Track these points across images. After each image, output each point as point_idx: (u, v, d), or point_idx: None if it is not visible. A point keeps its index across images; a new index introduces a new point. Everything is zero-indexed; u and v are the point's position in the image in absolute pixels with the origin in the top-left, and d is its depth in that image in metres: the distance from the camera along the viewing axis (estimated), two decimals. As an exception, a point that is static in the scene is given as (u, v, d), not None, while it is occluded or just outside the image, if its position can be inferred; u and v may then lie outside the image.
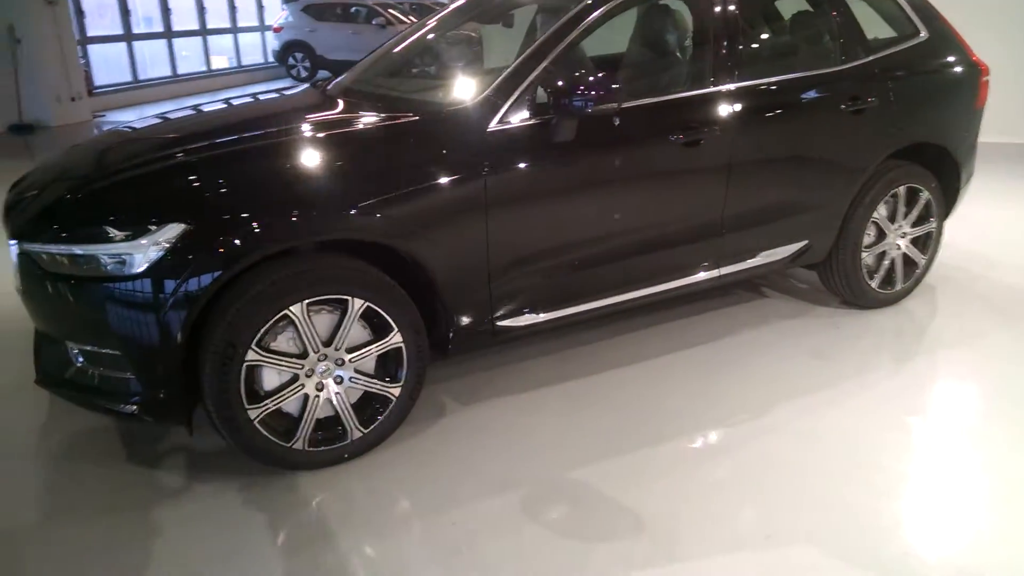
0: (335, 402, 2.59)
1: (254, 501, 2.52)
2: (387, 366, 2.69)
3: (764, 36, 3.75)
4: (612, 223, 3.00)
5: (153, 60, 13.01)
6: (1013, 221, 5.44)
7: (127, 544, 2.33)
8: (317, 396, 2.56)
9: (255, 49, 15.68)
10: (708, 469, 2.66)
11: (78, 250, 2.35)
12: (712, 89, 3.15)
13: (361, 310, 2.54)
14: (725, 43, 3.19)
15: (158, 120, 3.37)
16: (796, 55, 3.61)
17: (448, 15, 3.67)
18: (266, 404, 2.47)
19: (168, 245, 2.28)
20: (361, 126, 2.90)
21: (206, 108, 3.71)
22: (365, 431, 2.68)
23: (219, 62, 14.69)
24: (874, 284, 3.79)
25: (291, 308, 2.42)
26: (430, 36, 3.66)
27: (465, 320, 2.82)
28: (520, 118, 2.75)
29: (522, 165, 2.78)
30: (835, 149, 3.51)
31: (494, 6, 3.62)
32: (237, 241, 2.32)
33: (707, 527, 2.36)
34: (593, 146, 2.89)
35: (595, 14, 2.93)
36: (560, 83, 2.72)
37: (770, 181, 3.38)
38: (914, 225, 3.84)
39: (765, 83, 3.29)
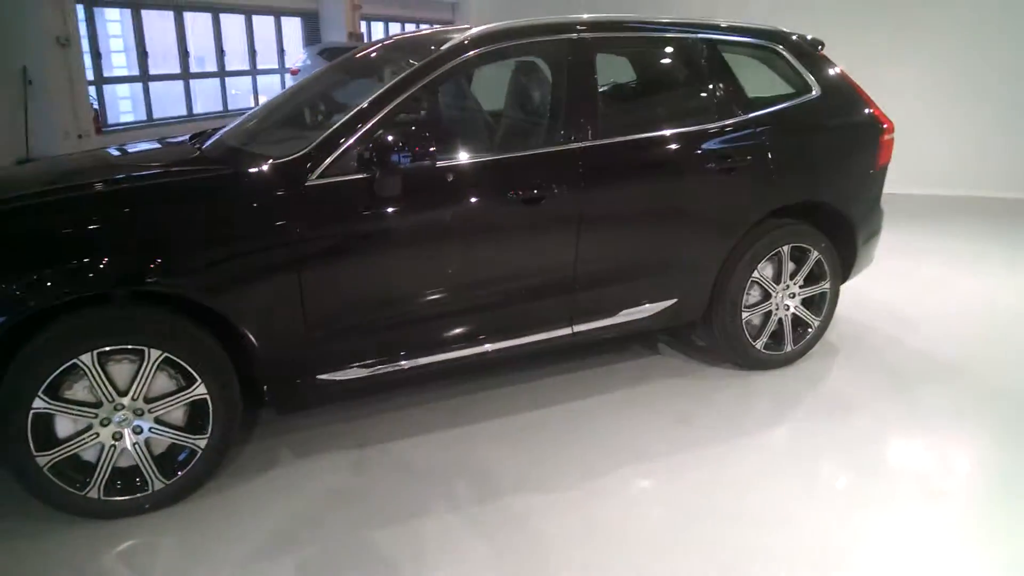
0: (133, 452, 2.60)
1: (49, 550, 2.52)
2: (198, 417, 2.69)
3: (621, 95, 3.74)
4: (443, 278, 2.98)
5: (172, 99, 13.50)
6: (962, 285, 5.25)
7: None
8: (114, 445, 2.57)
9: (275, 90, 16.17)
10: (520, 531, 2.58)
11: None
12: (555, 148, 3.14)
13: (158, 361, 2.55)
14: (576, 102, 3.18)
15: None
16: (658, 114, 3.57)
17: (327, 71, 3.74)
18: (55, 452, 2.49)
19: (-50, 292, 2.34)
20: (171, 179, 2.93)
21: (98, 153, 3.83)
22: (168, 482, 2.67)
23: (239, 102, 15.18)
24: (759, 345, 3.68)
25: (81, 357, 2.44)
26: (312, 91, 3.72)
27: (281, 373, 2.81)
28: (343, 173, 2.77)
29: (343, 219, 2.79)
30: (702, 208, 3.44)
31: (364, 65, 3.65)
32: (15, 289, 2.36)
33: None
34: (420, 202, 2.88)
35: (419, 84, 2.95)
36: (380, 140, 2.74)
37: (627, 239, 3.33)
38: (805, 286, 3.74)
39: (617, 141, 3.24)
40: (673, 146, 3.37)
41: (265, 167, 2.77)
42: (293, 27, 16.61)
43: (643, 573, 2.40)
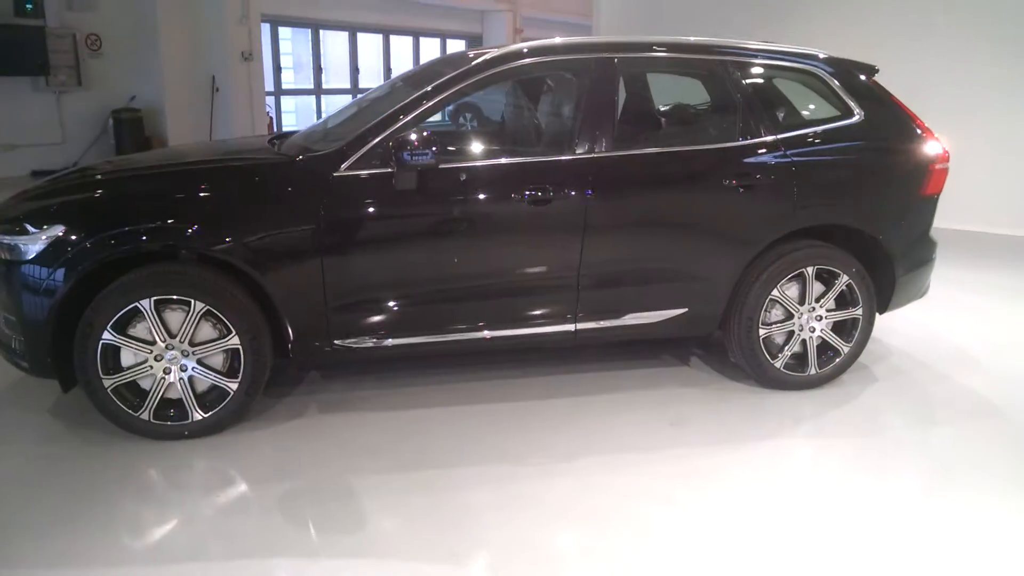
0: (178, 386, 3.16)
1: (111, 459, 3.12)
2: (233, 363, 3.22)
3: (640, 112, 3.91)
4: (452, 266, 3.32)
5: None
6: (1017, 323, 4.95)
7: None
8: (164, 378, 3.14)
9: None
10: (472, 495, 2.88)
11: (5, 240, 3.12)
12: (569, 157, 3.41)
13: (202, 312, 3.09)
14: (595, 115, 3.44)
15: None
16: (679, 131, 3.73)
17: (396, 82, 4.21)
18: (118, 376, 3.09)
19: (48, 241, 3.00)
20: (230, 165, 3.50)
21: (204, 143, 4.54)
22: (205, 415, 3.20)
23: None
24: (778, 364, 3.72)
25: (140, 302, 3.03)
26: (382, 99, 4.20)
27: (304, 334, 3.27)
28: (367, 167, 3.21)
29: (362, 206, 3.22)
30: (717, 223, 3.56)
31: (418, 76, 4.08)
32: (88, 244, 2.98)
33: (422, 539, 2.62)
34: (433, 196, 3.26)
35: (446, 93, 3.34)
36: (397, 140, 3.14)
37: (635, 246, 3.52)
38: (835, 309, 3.73)
39: (627, 154, 3.47)
40: (688, 162, 3.54)
41: (305, 159, 3.27)
42: (457, 48, 17.68)
43: (568, 545, 2.61)
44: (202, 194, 3.19)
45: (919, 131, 3.80)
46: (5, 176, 9.17)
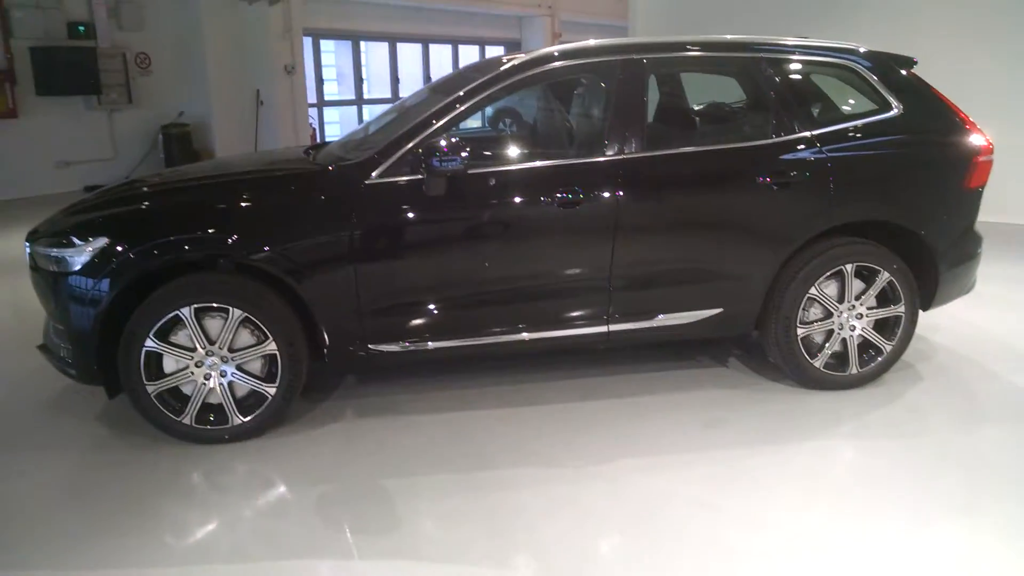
0: (218, 391, 3.24)
1: (155, 463, 3.22)
2: (271, 369, 3.28)
3: (671, 112, 3.88)
4: (483, 270, 3.34)
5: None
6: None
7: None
8: (204, 383, 3.22)
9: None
10: (506, 497, 2.89)
11: (53, 252, 3.24)
12: (602, 159, 3.40)
13: (240, 319, 3.17)
14: (625, 117, 3.43)
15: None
16: (713, 129, 3.69)
17: (428, 90, 4.26)
18: (160, 383, 3.18)
19: (94, 252, 3.10)
20: (265, 176, 3.57)
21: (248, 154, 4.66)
22: (244, 419, 3.28)
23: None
24: (818, 363, 3.65)
25: (181, 310, 3.12)
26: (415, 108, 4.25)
27: (339, 340, 3.32)
28: (399, 174, 3.25)
29: (393, 213, 3.26)
30: (752, 221, 3.52)
31: (446, 84, 4.11)
32: (131, 255, 3.08)
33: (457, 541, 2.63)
34: (463, 201, 3.28)
35: (475, 99, 3.37)
36: (426, 147, 3.17)
37: (667, 246, 3.49)
38: (876, 307, 3.65)
39: (658, 155, 3.45)
40: (720, 160, 3.50)
41: (338, 168, 3.33)
42: (496, 55, 17.73)
43: (605, 549, 2.60)
44: (239, 204, 3.27)
45: (961, 123, 3.70)
46: (60, 192, 9.52)
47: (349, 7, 13.44)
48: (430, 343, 3.39)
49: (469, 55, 16.92)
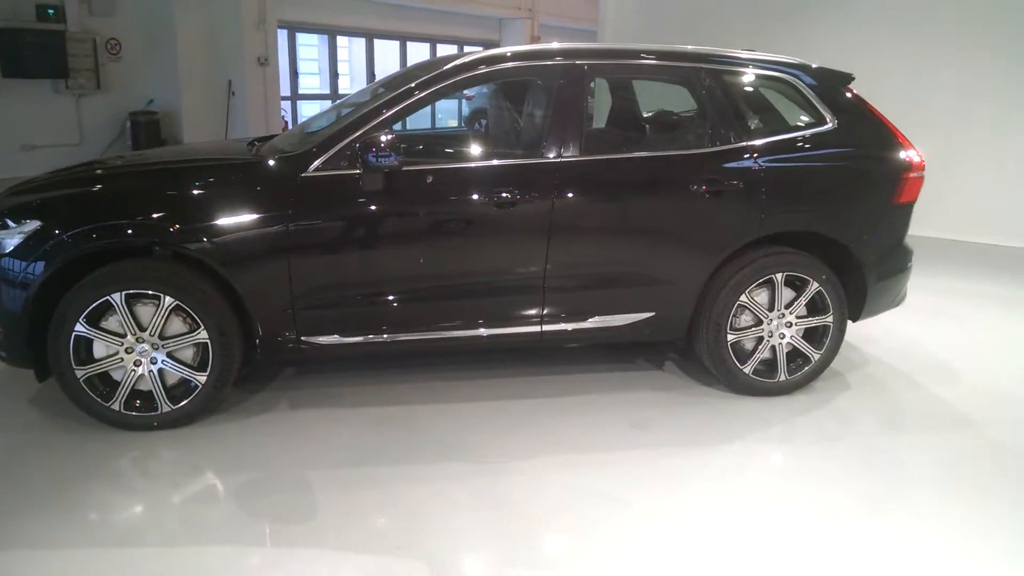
0: (148, 378, 3.25)
1: (83, 448, 3.22)
2: (202, 358, 3.30)
3: (614, 118, 3.95)
4: (417, 266, 3.38)
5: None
6: (1007, 335, 4.92)
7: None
8: (134, 370, 3.23)
9: (453, 113, 17.38)
10: (423, 490, 2.93)
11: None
12: (533, 160, 3.46)
13: (171, 307, 3.18)
14: (561, 120, 3.48)
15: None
16: (651, 137, 3.77)
17: (374, 87, 4.28)
18: (89, 368, 3.19)
19: (24, 235, 3.11)
20: (206, 165, 3.58)
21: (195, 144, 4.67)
22: (174, 407, 3.29)
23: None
24: (747, 370, 3.73)
25: (112, 296, 3.13)
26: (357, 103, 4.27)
27: (272, 331, 3.35)
28: (335, 168, 3.28)
29: (329, 206, 3.29)
30: (684, 228, 3.59)
31: (394, 81, 4.14)
32: (67, 238, 3.09)
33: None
34: (398, 197, 3.32)
35: (416, 97, 3.41)
36: (363, 142, 3.21)
37: (600, 249, 3.55)
38: (805, 316, 3.74)
39: (596, 159, 3.51)
40: (655, 167, 3.57)
41: (275, 160, 3.35)
42: (475, 55, 17.77)
43: (512, 540, 2.66)
44: (182, 192, 3.28)
45: (894, 139, 3.80)
46: (24, 176, 9.40)
47: (325, 0, 13.43)
48: (363, 337, 3.43)
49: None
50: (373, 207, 3.31)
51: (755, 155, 3.61)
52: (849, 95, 3.85)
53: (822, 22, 8.36)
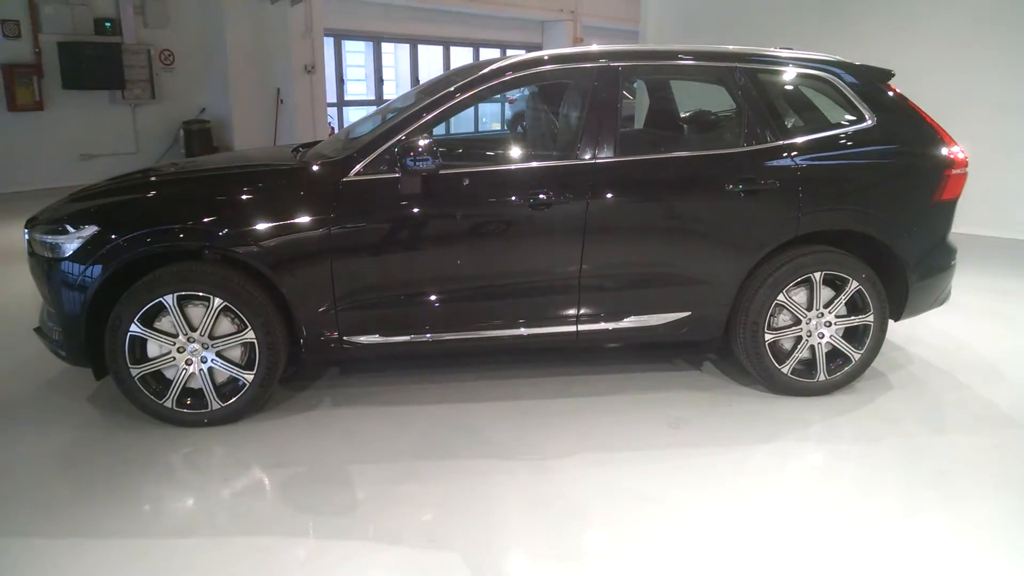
0: (199, 376, 3.38)
1: (137, 443, 3.38)
2: (250, 357, 3.42)
3: (651, 118, 3.96)
4: (455, 268, 3.45)
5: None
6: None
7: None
8: (185, 369, 3.38)
9: (496, 116, 17.50)
10: (457, 485, 3.00)
11: (48, 239, 3.41)
12: (571, 163, 3.50)
13: (220, 308, 3.31)
14: (596, 121, 3.52)
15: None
16: (687, 137, 3.77)
17: (415, 93, 4.38)
18: (144, 366, 3.34)
19: (83, 240, 3.27)
20: (253, 171, 3.71)
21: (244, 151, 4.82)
22: (223, 404, 3.42)
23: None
24: (785, 369, 3.72)
25: (164, 297, 3.27)
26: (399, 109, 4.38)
27: (315, 331, 3.46)
28: (375, 173, 3.38)
29: (369, 210, 3.39)
30: (720, 227, 3.59)
31: (433, 86, 4.22)
32: (123, 243, 3.24)
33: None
34: (436, 199, 3.40)
35: (454, 101, 3.48)
36: (402, 146, 3.30)
37: (637, 249, 3.58)
38: (845, 316, 3.71)
39: (631, 160, 3.54)
40: (691, 167, 3.59)
41: (318, 165, 3.47)
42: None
43: (543, 534, 2.71)
44: (230, 198, 3.41)
45: (935, 136, 3.75)
46: (84, 183, 9.78)
47: (370, 8, 13.67)
48: (403, 336, 3.52)
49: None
50: (412, 210, 3.40)
51: (793, 153, 3.60)
52: (890, 92, 3.81)
53: (867, 19, 8.22)
